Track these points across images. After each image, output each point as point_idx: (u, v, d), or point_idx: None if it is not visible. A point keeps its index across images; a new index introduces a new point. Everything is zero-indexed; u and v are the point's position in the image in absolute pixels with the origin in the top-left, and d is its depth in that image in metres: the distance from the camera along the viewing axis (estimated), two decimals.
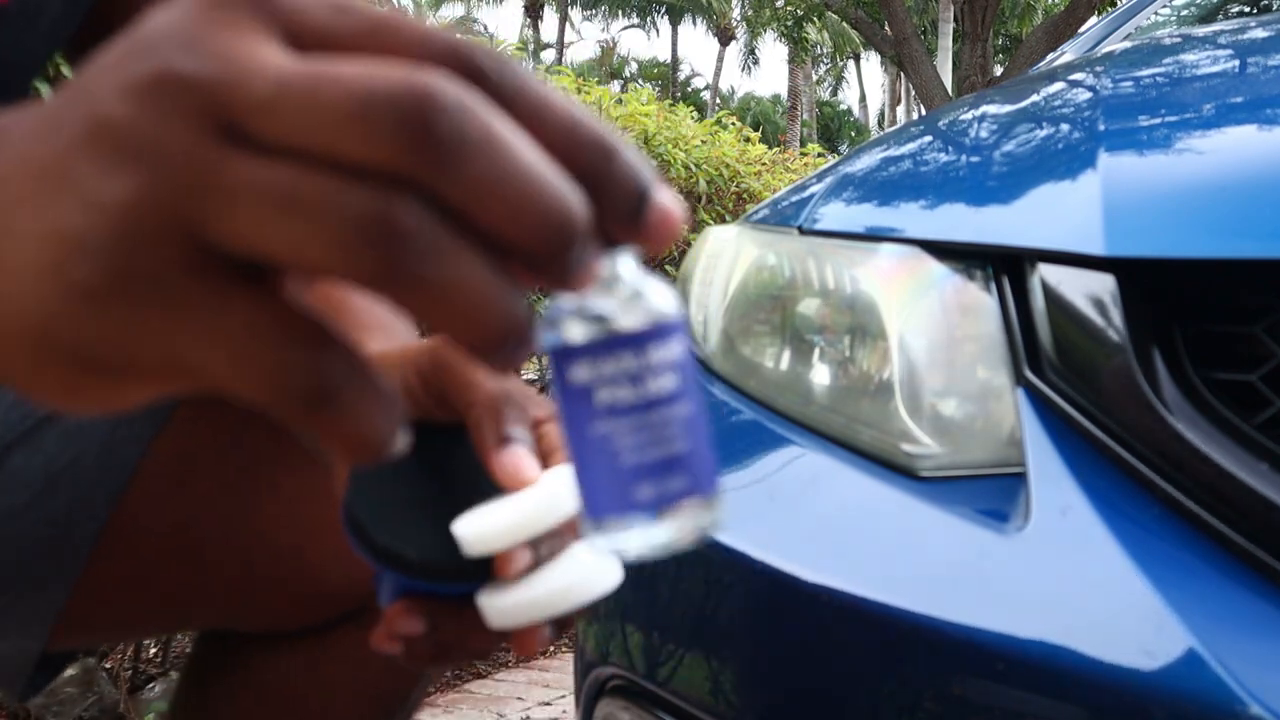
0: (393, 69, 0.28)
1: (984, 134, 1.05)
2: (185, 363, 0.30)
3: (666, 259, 3.32)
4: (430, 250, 0.28)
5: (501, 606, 0.48)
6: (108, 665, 2.23)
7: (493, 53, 0.30)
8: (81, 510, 0.76)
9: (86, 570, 0.76)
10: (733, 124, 4.25)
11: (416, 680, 0.83)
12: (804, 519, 0.80)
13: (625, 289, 0.34)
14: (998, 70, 14.27)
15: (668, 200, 0.30)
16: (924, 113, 11.08)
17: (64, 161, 0.30)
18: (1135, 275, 0.72)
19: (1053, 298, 0.75)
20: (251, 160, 0.29)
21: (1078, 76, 1.17)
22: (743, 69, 41.45)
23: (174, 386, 0.31)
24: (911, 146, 1.08)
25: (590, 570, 0.49)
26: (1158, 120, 0.95)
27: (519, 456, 0.50)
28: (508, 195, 0.28)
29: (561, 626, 0.51)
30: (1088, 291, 0.73)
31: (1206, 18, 2.04)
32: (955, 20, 15.47)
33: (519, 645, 0.50)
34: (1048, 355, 0.75)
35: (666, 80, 42.67)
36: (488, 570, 0.49)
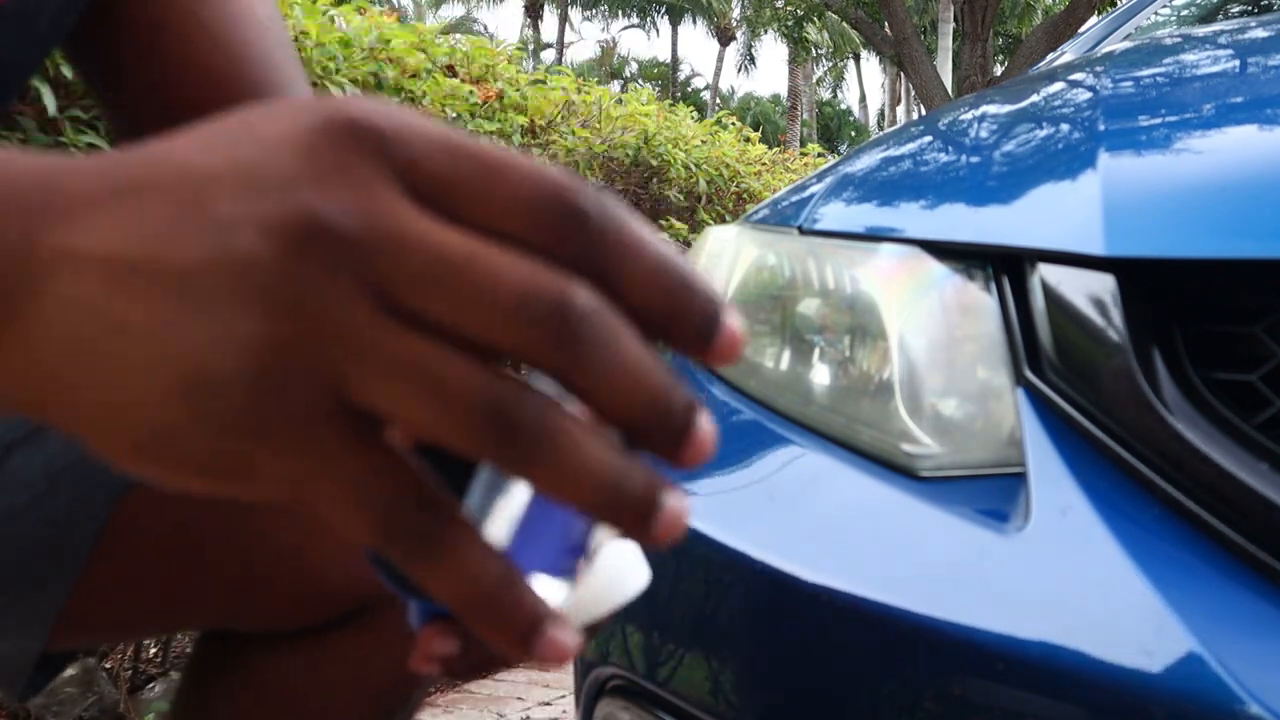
0: (538, 270, 0.31)
1: (984, 134, 1.05)
2: (294, 491, 0.32)
3: None
4: (549, 438, 0.31)
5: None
6: (108, 665, 2.23)
7: (592, 195, 0.33)
8: (82, 510, 0.76)
9: (86, 570, 0.76)
10: (733, 124, 4.25)
11: (417, 682, 0.83)
12: (804, 519, 0.80)
13: None
14: (998, 70, 14.27)
15: (735, 324, 0.34)
16: (924, 113, 11.07)
17: (190, 281, 0.31)
18: (1135, 275, 0.72)
19: (1053, 298, 0.75)
20: (403, 333, 0.31)
21: (1078, 76, 1.17)
22: (739, 69, 41.47)
23: (273, 499, 0.33)
24: (911, 146, 1.08)
25: (620, 573, 0.49)
26: (1158, 120, 0.95)
27: None
28: (623, 385, 0.32)
29: (591, 630, 0.51)
30: (1088, 291, 0.73)
31: (1206, 18, 2.04)
32: (955, 20, 15.47)
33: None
34: (1048, 355, 0.75)
35: (666, 80, 42.67)
36: None
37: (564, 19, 40.56)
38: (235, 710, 0.82)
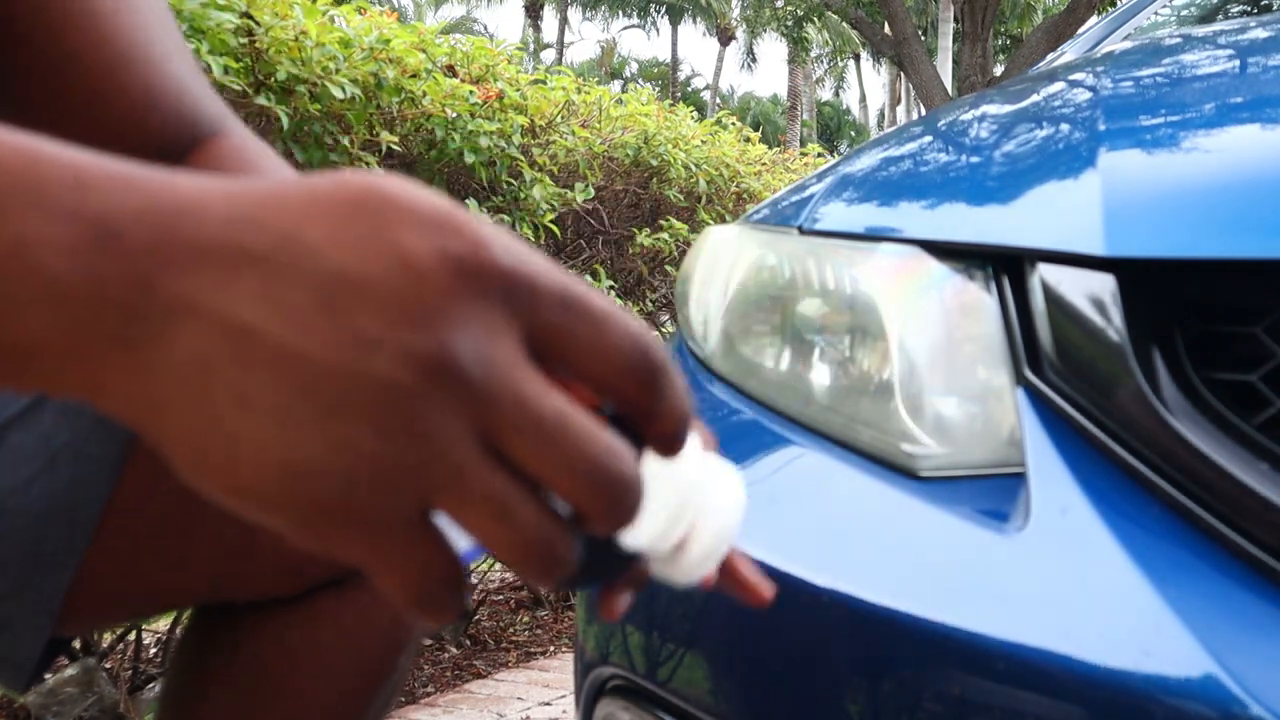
0: (610, 448, 0.37)
1: (984, 134, 1.05)
2: (354, 561, 0.36)
3: (667, 259, 3.32)
4: (566, 565, 0.38)
5: (681, 572, 0.51)
6: (108, 665, 2.23)
7: (665, 360, 0.39)
8: (83, 487, 0.77)
9: (90, 547, 0.77)
10: (733, 124, 4.25)
11: (404, 646, 0.84)
12: (804, 519, 0.80)
13: None
14: (998, 70, 14.26)
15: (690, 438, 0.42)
16: (924, 113, 11.04)
17: (322, 381, 0.34)
18: (1135, 275, 0.72)
19: (1053, 298, 0.75)
20: (493, 469, 0.36)
21: (1078, 76, 1.17)
22: (742, 66, 41.47)
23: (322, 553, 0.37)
24: (911, 146, 1.08)
25: (724, 503, 0.51)
26: (1158, 120, 0.95)
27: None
28: (615, 519, 0.39)
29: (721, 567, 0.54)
30: (1088, 291, 0.73)
31: (1206, 18, 2.04)
32: (955, 20, 15.47)
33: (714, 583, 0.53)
34: (1048, 355, 0.75)
35: (666, 80, 42.66)
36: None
37: (564, 20, 40.56)
38: (230, 687, 0.82)
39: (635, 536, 0.51)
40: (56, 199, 0.34)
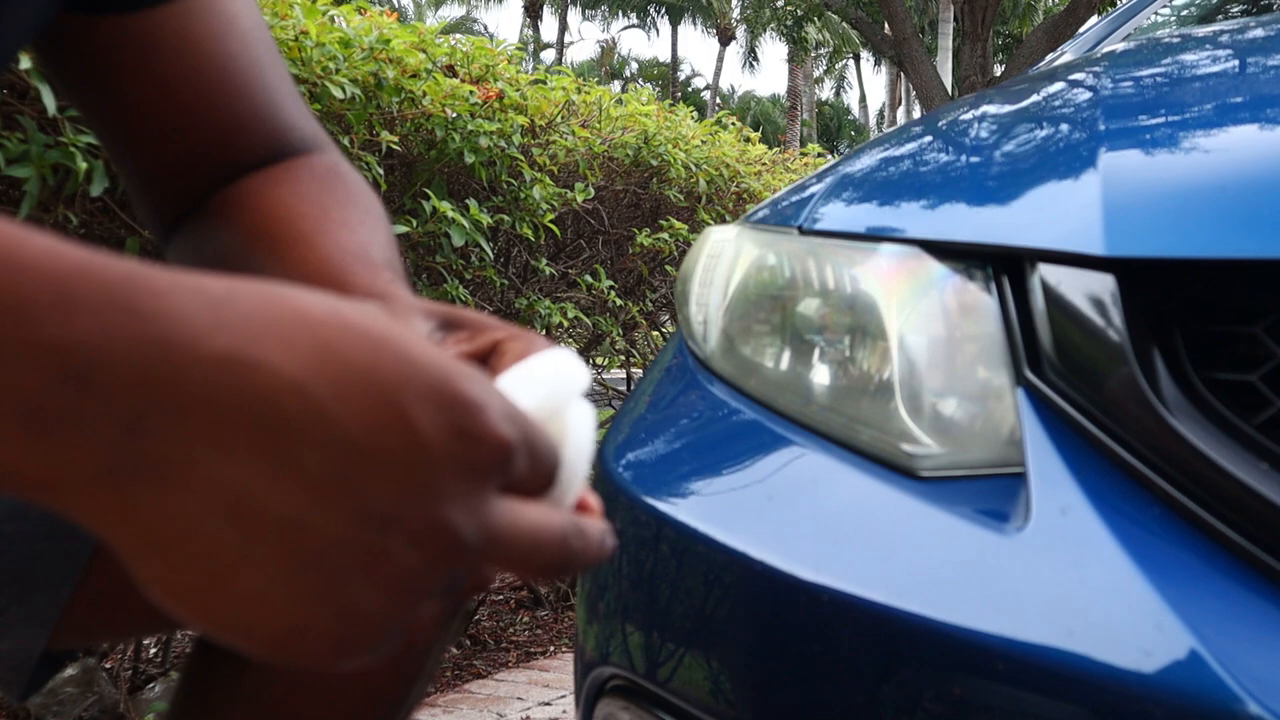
0: (563, 534, 0.40)
1: (984, 134, 1.05)
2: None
3: (667, 259, 3.32)
4: None
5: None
6: (108, 665, 2.23)
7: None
8: None
9: (89, 568, 0.76)
10: (733, 124, 4.25)
11: (417, 676, 0.83)
12: (804, 519, 0.80)
13: None
14: (998, 70, 14.26)
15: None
16: (924, 113, 10.98)
17: (325, 550, 0.34)
18: (1135, 275, 0.72)
19: (1053, 298, 0.75)
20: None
21: (1078, 76, 1.17)
22: (744, 66, 41.49)
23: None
24: (911, 146, 1.08)
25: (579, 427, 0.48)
26: (1158, 120, 0.95)
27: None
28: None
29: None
30: (1088, 291, 0.73)
31: (1206, 18, 2.04)
32: (955, 20, 15.47)
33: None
34: (1048, 355, 0.75)
35: (666, 80, 42.66)
36: None
37: (564, 19, 40.55)
38: (234, 713, 0.82)
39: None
40: (35, 322, 0.30)
